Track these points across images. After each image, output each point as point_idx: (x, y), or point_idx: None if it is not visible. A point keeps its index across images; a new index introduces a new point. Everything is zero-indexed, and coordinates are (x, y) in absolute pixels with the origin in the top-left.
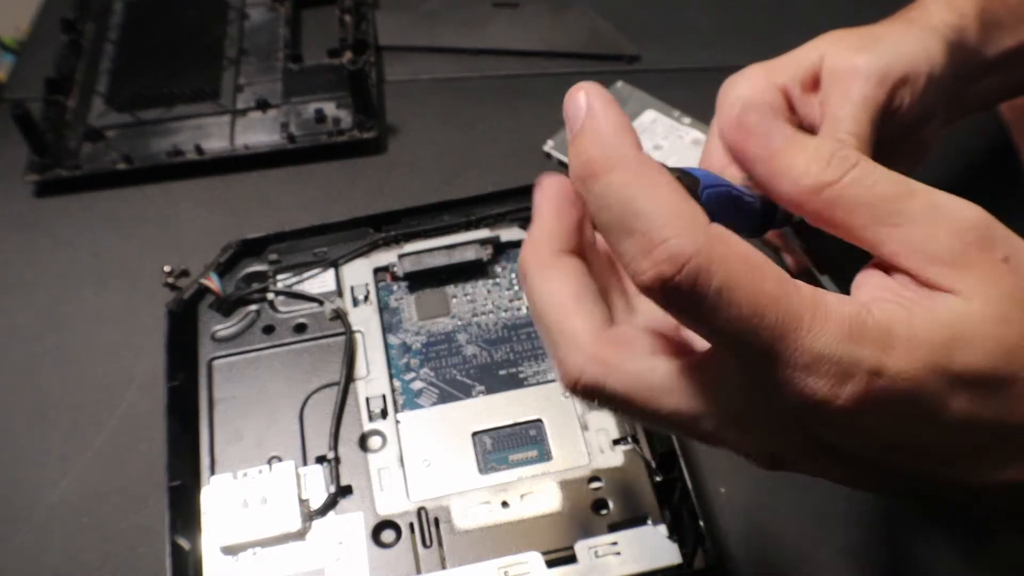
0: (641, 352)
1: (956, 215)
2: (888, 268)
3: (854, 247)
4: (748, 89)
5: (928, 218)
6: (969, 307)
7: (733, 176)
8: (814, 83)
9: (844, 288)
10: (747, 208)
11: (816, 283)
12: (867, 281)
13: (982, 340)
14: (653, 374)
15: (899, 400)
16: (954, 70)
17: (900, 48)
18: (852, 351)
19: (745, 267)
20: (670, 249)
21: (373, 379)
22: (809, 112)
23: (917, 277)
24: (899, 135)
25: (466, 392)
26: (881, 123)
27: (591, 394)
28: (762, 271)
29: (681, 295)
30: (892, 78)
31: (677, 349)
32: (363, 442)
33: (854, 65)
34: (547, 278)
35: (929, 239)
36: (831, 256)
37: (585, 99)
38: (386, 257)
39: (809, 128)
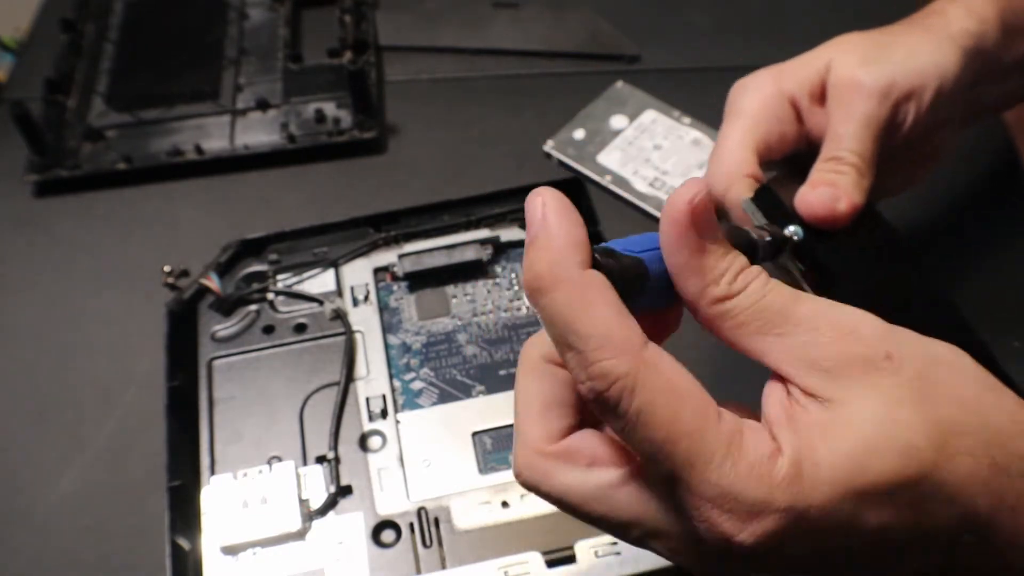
0: (577, 466)
1: (836, 321)
2: (782, 379)
3: (851, 270)
4: (757, 99)
5: (811, 326)
6: (861, 418)
7: (739, 192)
8: (822, 93)
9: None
10: None
11: None
12: (770, 396)
13: (880, 450)
14: (583, 486)
15: (814, 531)
16: (972, 78)
17: (909, 61)
18: (761, 491)
19: (666, 395)
20: (601, 370)
21: (373, 379)
22: (816, 123)
23: (800, 387)
24: (908, 145)
25: (466, 392)
26: (885, 138)
27: (530, 490)
28: (683, 401)
29: (609, 410)
30: (896, 94)
31: (619, 459)
32: (363, 442)
33: (857, 80)
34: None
35: (808, 347)
36: (829, 278)
37: (541, 209)
38: (386, 257)
39: (816, 139)
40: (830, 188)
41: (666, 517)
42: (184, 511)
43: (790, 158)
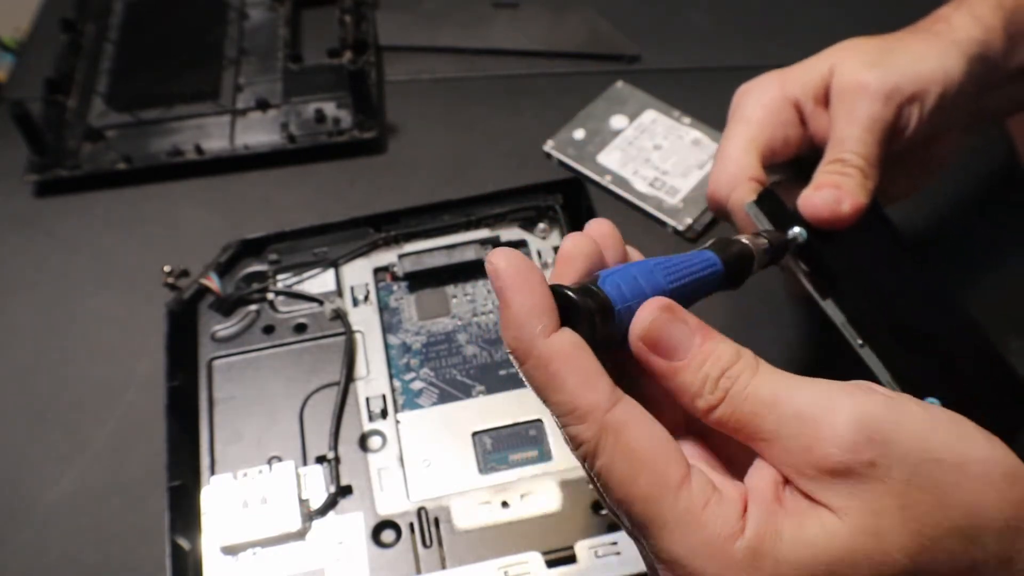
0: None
1: (818, 426)
2: None
3: (857, 273)
4: (761, 103)
5: (789, 432)
6: (839, 524)
7: (743, 196)
8: (826, 96)
9: (849, 309)
10: (703, 281)
11: (819, 309)
12: (760, 470)
13: (851, 557)
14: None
15: None
16: (977, 85)
17: (913, 65)
18: (711, 568)
19: (623, 461)
20: (569, 433)
21: (373, 379)
22: (820, 127)
23: (796, 488)
24: (913, 150)
25: (466, 392)
26: (889, 141)
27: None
28: (640, 467)
29: (582, 464)
30: (900, 96)
31: None
32: (363, 442)
33: (861, 82)
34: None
35: (789, 453)
36: (834, 280)
37: (496, 278)
38: (386, 257)
39: (820, 143)
40: (834, 190)
41: (642, 553)
42: (184, 511)
43: (794, 162)
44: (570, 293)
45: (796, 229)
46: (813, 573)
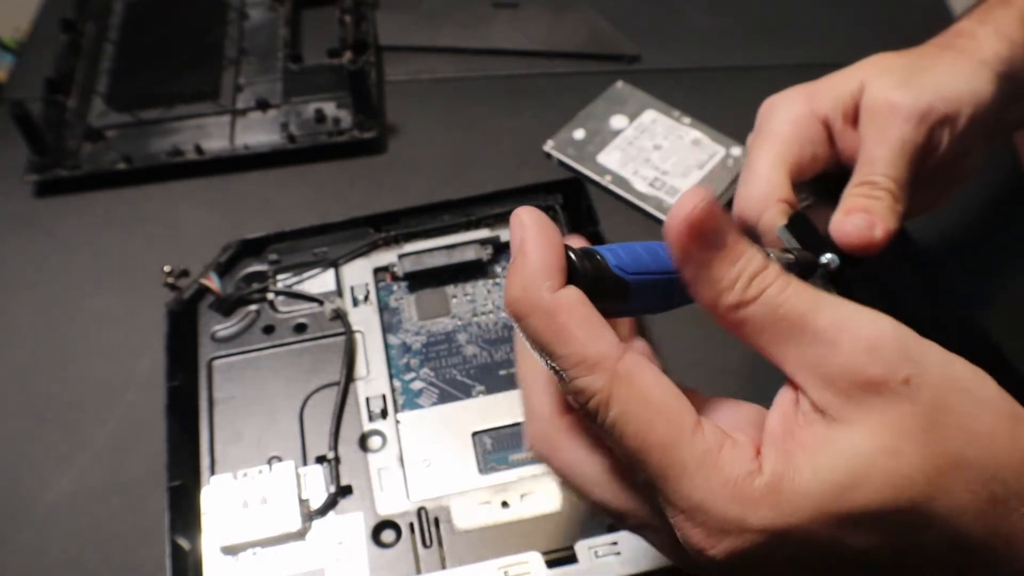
0: (582, 444)
1: (858, 334)
2: (795, 387)
3: (885, 298)
4: (788, 119)
5: (829, 338)
6: (858, 442)
7: (773, 219)
8: (855, 114)
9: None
10: None
11: None
12: (777, 404)
13: (871, 479)
14: (585, 466)
15: (791, 550)
16: (1002, 101)
17: (945, 86)
18: (733, 509)
19: (638, 408)
20: (578, 386)
21: (373, 379)
22: (849, 145)
23: (811, 400)
24: (938, 169)
25: (466, 392)
26: (919, 163)
27: (542, 461)
28: (655, 414)
29: (591, 420)
30: (932, 118)
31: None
32: (363, 442)
33: (892, 103)
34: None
35: (825, 361)
36: (866, 303)
37: (520, 230)
38: (386, 257)
39: (848, 160)
40: (865, 215)
41: (651, 516)
42: (184, 511)
43: (821, 181)
44: (572, 255)
45: (829, 256)
46: (834, 500)
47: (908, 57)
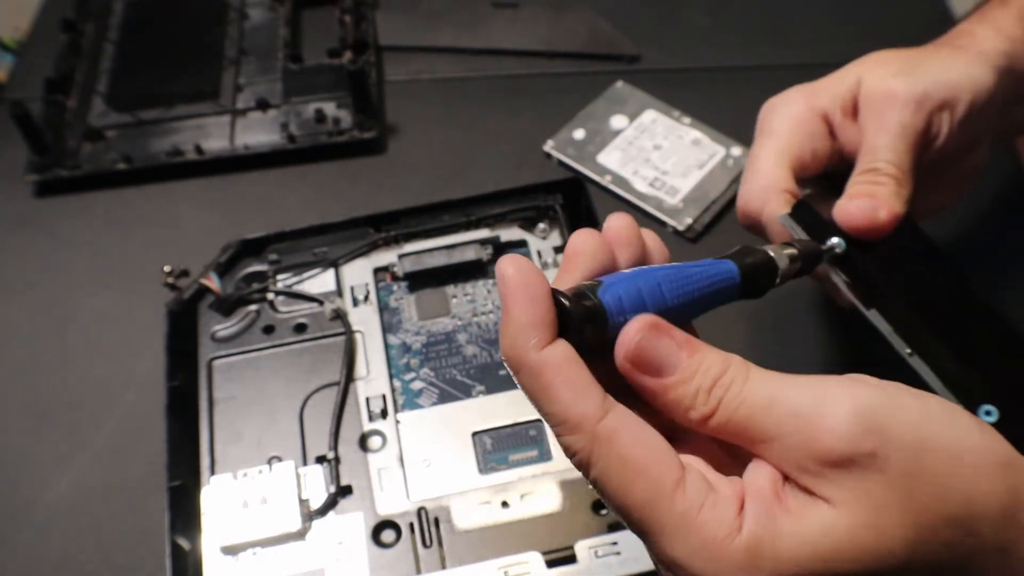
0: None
1: (817, 420)
2: None
3: (899, 281)
4: (789, 117)
5: (789, 430)
6: (837, 517)
7: (776, 208)
8: (854, 108)
9: (894, 318)
10: (717, 292)
11: (863, 319)
12: (758, 468)
13: (852, 552)
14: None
15: None
16: (1004, 96)
17: (941, 74)
18: (711, 569)
19: (617, 469)
20: (563, 443)
21: (373, 379)
22: (850, 139)
23: (796, 484)
24: (944, 162)
25: (466, 392)
26: (921, 149)
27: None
28: (634, 475)
29: (580, 471)
30: (930, 104)
31: None
32: (363, 442)
33: (890, 90)
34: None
35: (790, 450)
36: (877, 289)
37: (503, 284)
38: (386, 257)
39: (849, 155)
40: (869, 199)
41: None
42: (184, 511)
43: (823, 176)
44: (564, 301)
45: (834, 239)
46: (813, 569)
47: (905, 52)
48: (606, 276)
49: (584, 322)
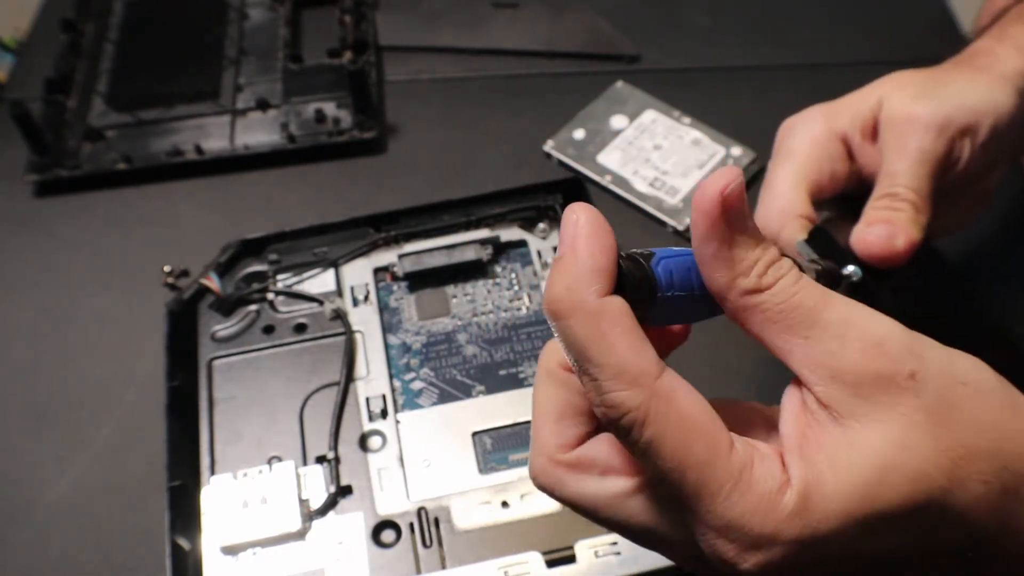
0: (591, 475)
1: (865, 331)
2: (800, 385)
3: (911, 310)
4: (807, 138)
5: (837, 333)
6: (872, 441)
7: (792, 233)
8: (874, 130)
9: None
10: None
11: None
12: (787, 407)
13: (889, 477)
14: (596, 494)
15: (820, 557)
16: (1023, 117)
17: (963, 97)
18: (768, 525)
19: (677, 427)
20: (613, 400)
21: (373, 379)
22: (869, 161)
23: (816, 396)
24: (962, 185)
25: (466, 392)
26: (941, 175)
27: (545, 493)
28: (694, 434)
29: (621, 434)
30: (952, 129)
31: (632, 468)
32: (363, 442)
33: (912, 115)
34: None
35: (832, 355)
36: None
37: (574, 227)
38: (386, 257)
39: (868, 178)
40: (887, 226)
41: (675, 532)
42: (184, 511)
43: (841, 198)
44: (622, 263)
45: (851, 267)
46: (858, 504)
47: (927, 72)
48: (657, 249)
49: (638, 286)
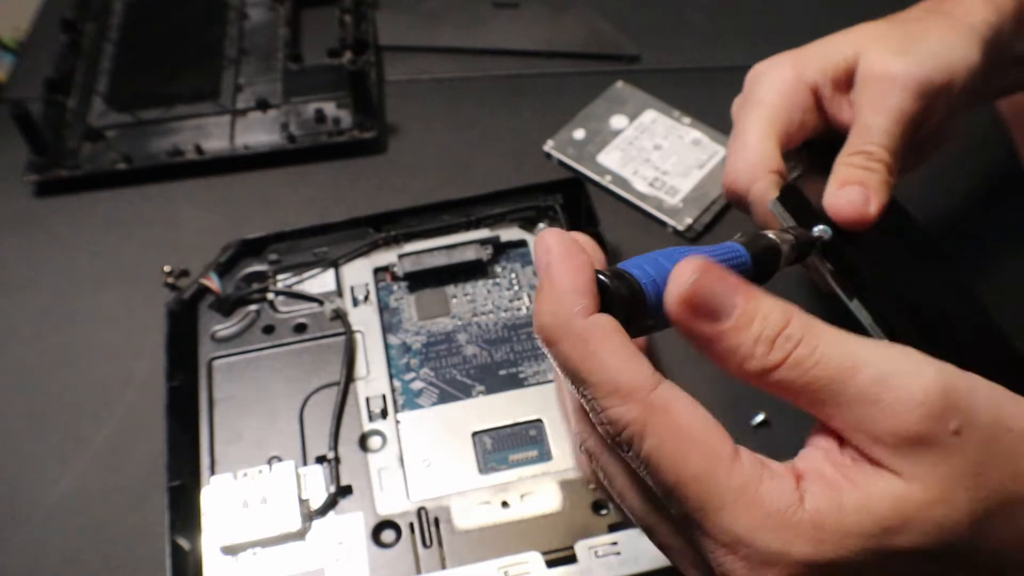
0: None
1: (902, 392)
2: (836, 435)
3: (883, 270)
4: (776, 87)
5: (872, 396)
6: (909, 491)
7: (764, 189)
8: (846, 82)
9: (876, 309)
10: (736, 271)
11: (845, 308)
12: (818, 442)
13: (919, 524)
14: (628, 492)
15: None
16: (988, 68)
17: (942, 55)
18: (776, 542)
19: (674, 439)
20: (611, 416)
21: (373, 379)
22: (838, 112)
23: (863, 454)
24: (926, 134)
25: (466, 392)
26: (914, 132)
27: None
28: (692, 445)
29: (624, 451)
30: (931, 89)
31: None
32: (363, 442)
33: (892, 74)
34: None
35: (870, 420)
36: (861, 278)
37: (545, 254)
38: (386, 257)
39: (838, 128)
40: (860, 188)
41: (682, 546)
42: (184, 511)
43: (806, 145)
44: (603, 277)
45: (821, 227)
46: (878, 542)
47: (901, 24)
48: (624, 262)
49: (623, 297)
